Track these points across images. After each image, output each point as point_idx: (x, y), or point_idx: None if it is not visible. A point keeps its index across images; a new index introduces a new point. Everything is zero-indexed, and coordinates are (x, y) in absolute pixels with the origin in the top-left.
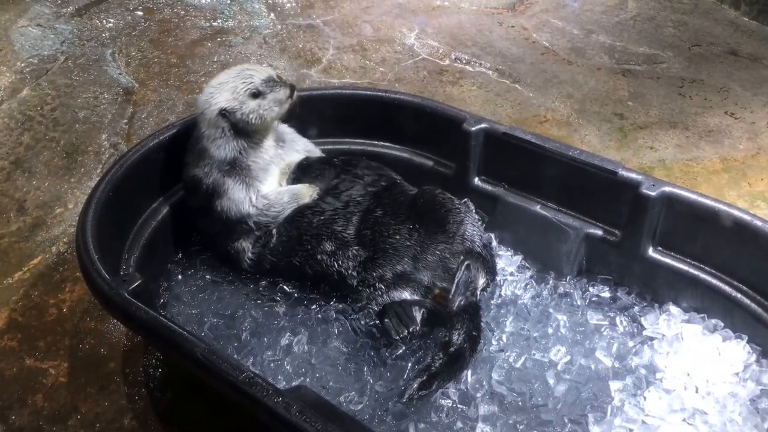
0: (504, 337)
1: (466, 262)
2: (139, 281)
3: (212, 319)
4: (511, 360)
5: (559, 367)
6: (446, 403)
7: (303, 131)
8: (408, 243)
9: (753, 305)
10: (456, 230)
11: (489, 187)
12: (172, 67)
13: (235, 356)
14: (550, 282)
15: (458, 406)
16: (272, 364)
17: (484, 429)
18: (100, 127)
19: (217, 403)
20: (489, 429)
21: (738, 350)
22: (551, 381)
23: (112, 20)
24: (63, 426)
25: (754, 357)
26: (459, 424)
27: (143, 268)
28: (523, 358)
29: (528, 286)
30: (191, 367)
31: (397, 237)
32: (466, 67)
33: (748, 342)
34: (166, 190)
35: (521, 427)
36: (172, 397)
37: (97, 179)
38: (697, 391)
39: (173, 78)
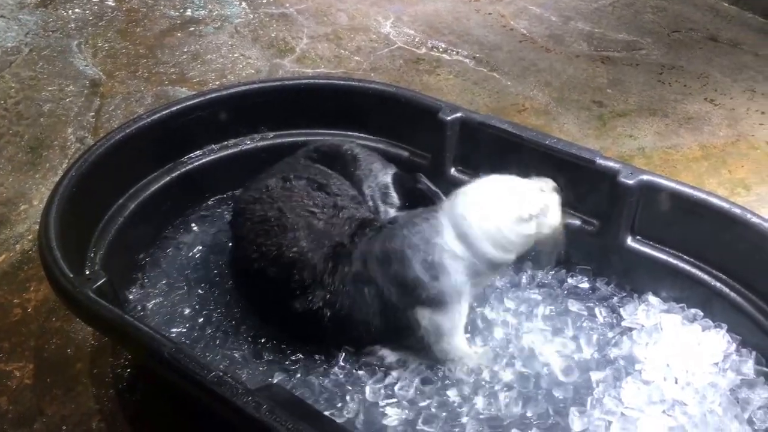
0: (482, 329)
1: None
2: (104, 279)
3: (182, 317)
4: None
5: (539, 359)
6: (427, 396)
7: (277, 123)
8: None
9: (732, 294)
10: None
11: (465, 177)
12: (140, 58)
13: (208, 355)
14: (529, 273)
15: (440, 398)
16: (243, 364)
17: (470, 423)
18: (66, 120)
19: (187, 403)
20: (474, 423)
21: (717, 340)
22: (533, 372)
23: (78, 10)
24: (28, 429)
25: (733, 347)
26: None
27: (110, 266)
28: (503, 349)
29: (506, 278)
30: (158, 367)
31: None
32: (443, 55)
33: (727, 331)
34: (134, 184)
35: (505, 422)
36: (141, 398)
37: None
38: (676, 382)
39: (142, 69)
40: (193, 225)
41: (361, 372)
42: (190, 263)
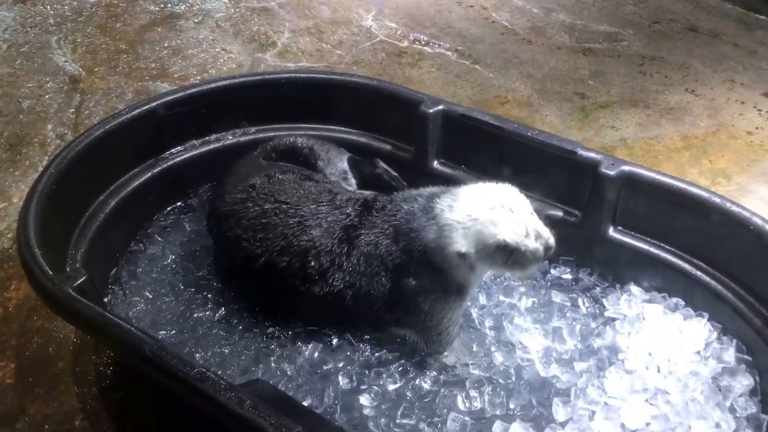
0: (464, 321)
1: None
2: (84, 277)
3: (164, 314)
4: (474, 346)
5: (523, 350)
6: (408, 388)
7: (259, 118)
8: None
9: (713, 283)
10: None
11: (448, 170)
12: (120, 54)
13: (195, 353)
14: None
15: (420, 391)
16: (228, 360)
17: (452, 415)
18: (46, 117)
19: (170, 401)
20: (456, 416)
21: (699, 329)
22: (516, 364)
23: (57, 6)
24: (10, 429)
25: (714, 335)
26: (424, 414)
27: (91, 264)
28: (486, 341)
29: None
30: (140, 365)
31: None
32: (425, 48)
33: (708, 320)
34: (115, 181)
35: (492, 412)
36: (125, 395)
37: None
38: (658, 371)
39: (122, 65)
40: (175, 221)
41: (342, 364)
42: (174, 260)
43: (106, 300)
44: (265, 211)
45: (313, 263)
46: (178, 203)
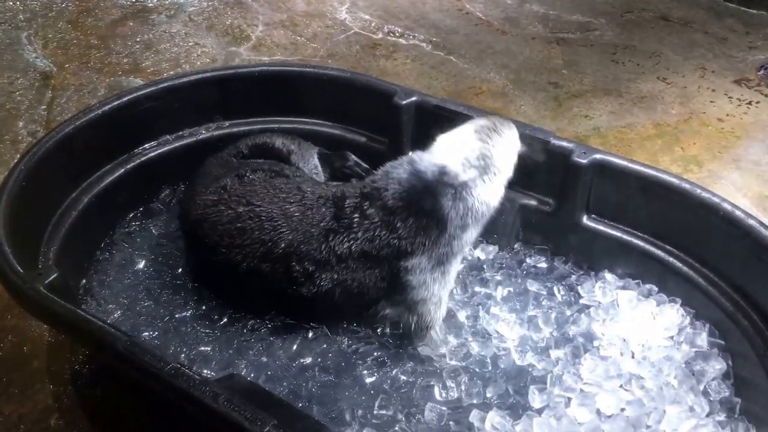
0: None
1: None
2: (56, 274)
3: (144, 317)
4: (450, 338)
5: (499, 339)
6: (385, 380)
7: (233, 112)
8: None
9: (685, 268)
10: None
11: None
12: (92, 49)
13: (180, 352)
14: (489, 253)
15: (397, 382)
16: (210, 356)
17: (429, 405)
18: (17, 114)
19: (146, 398)
20: (433, 406)
21: (672, 314)
22: (492, 353)
23: (27, 1)
24: None
25: (687, 320)
26: (401, 405)
27: (64, 261)
28: (462, 331)
29: (464, 259)
30: (114, 362)
31: None
32: (400, 40)
33: (681, 306)
34: (88, 177)
35: (469, 402)
36: (101, 393)
37: None
38: (633, 357)
39: (94, 60)
40: (149, 216)
41: (319, 357)
42: (146, 264)
43: (79, 296)
44: (239, 215)
45: (297, 267)
46: (153, 198)
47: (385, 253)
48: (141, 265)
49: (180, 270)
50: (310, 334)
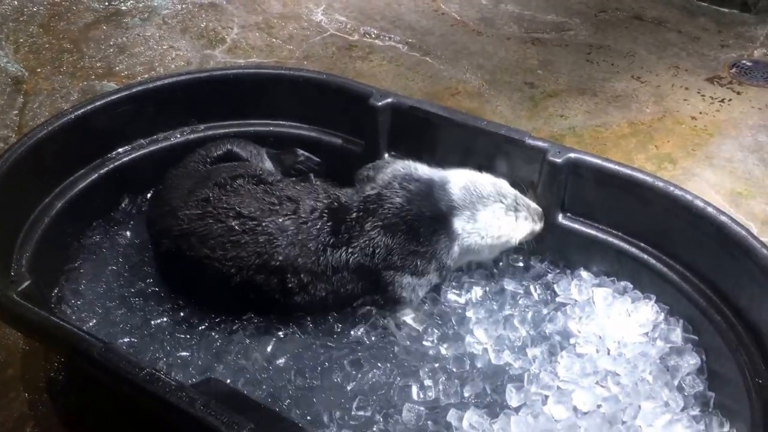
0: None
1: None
2: (29, 282)
3: (120, 325)
4: (431, 336)
5: (476, 339)
6: (361, 381)
7: (206, 114)
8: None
9: (659, 265)
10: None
11: None
12: (65, 53)
13: (158, 359)
14: None
15: (374, 382)
16: (182, 360)
17: (407, 406)
18: None
19: (122, 405)
20: (411, 406)
21: (647, 310)
22: (470, 352)
23: None
24: None
25: (662, 316)
26: (378, 406)
27: (36, 268)
28: (440, 331)
29: None
30: (89, 368)
31: None
32: (376, 41)
33: (655, 302)
34: (61, 182)
35: (446, 401)
36: (76, 400)
37: None
38: (608, 353)
39: (66, 64)
40: (122, 221)
41: (295, 360)
42: (118, 272)
43: (53, 303)
44: (232, 227)
45: (293, 279)
46: (128, 203)
47: (381, 266)
48: (114, 272)
49: (151, 280)
50: (281, 334)
